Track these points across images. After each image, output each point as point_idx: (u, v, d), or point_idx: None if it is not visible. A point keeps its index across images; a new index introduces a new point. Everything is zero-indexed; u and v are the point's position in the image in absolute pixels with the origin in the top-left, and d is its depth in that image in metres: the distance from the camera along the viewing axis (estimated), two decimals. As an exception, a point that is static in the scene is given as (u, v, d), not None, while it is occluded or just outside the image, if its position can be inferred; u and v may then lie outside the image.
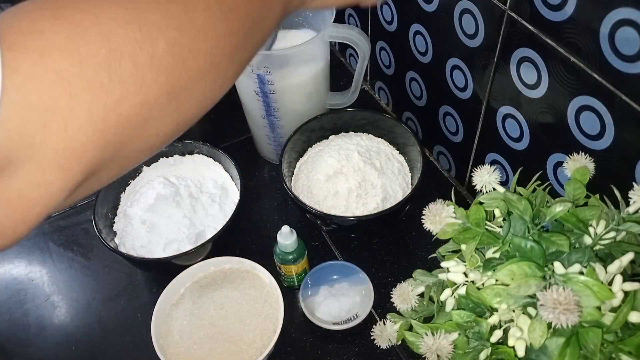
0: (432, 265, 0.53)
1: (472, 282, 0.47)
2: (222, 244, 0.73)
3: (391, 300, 0.52)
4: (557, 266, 0.42)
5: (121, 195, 0.77)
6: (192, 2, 0.31)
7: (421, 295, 0.52)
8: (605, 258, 0.44)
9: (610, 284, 0.42)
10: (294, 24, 0.80)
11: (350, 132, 0.80)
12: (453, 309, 0.47)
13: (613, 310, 0.41)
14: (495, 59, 0.61)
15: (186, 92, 0.31)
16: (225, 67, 0.34)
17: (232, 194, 0.77)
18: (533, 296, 0.42)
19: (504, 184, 0.59)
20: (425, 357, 0.46)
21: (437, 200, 0.48)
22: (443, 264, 0.50)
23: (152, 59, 0.29)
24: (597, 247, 0.44)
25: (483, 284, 0.46)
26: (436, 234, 0.48)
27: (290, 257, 0.67)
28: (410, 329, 0.51)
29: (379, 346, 0.54)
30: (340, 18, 0.94)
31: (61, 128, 0.26)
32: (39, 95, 0.25)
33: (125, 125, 0.28)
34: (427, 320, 0.52)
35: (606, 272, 0.42)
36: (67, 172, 0.27)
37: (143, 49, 0.28)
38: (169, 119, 0.32)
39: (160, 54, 0.29)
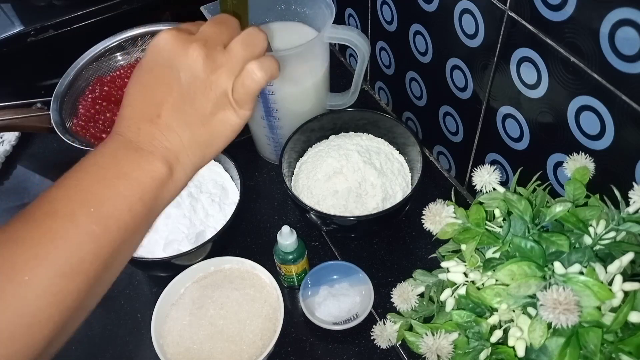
0: (432, 265, 0.53)
1: (472, 282, 0.47)
2: (222, 244, 0.73)
3: (391, 300, 0.52)
4: (557, 266, 0.42)
5: (121, 195, 0.77)
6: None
7: (421, 295, 0.52)
8: (605, 258, 0.44)
9: (610, 284, 0.42)
10: (292, 20, 0.80)
11: (350, 132, 0.80)
12: (453, 309, 0.47)
13: (613, 310, 0.41)
14: (495, 59, 0.61)
15: None
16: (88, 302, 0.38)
17: (232, 194, 0.77)
18: (533, 296, 0.42)
19: (504, 184, 0.59)
20: (425, 357, 0.46)
21: (437, 200, 0.48)
22: (443, 264, 0.50)
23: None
24: (597, 247, 0.44)
25: (483, 284, 0.46)
26: (436, 234, 0.48)
27: (290, 257, 0.67)
28: (410, 329, 0.51)
29: (379, 346, 0.54)
30: (340, 18, 0.94)
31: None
32: None
33: None
34: (427, 320, 0.52)
35: (606, 272, 0.42)
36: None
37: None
38: None
39: None
